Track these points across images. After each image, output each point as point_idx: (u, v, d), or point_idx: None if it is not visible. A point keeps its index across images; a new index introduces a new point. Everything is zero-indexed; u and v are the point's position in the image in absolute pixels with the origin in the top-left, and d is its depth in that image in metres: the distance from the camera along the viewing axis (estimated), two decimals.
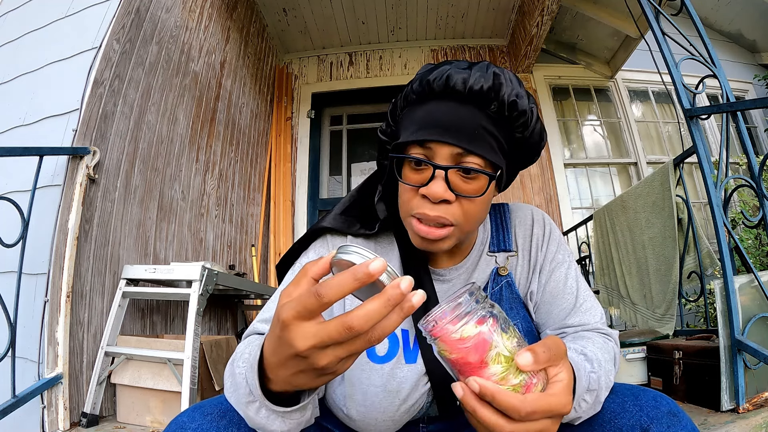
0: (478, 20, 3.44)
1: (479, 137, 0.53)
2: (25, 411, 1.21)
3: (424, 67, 0.58)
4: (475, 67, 0.54)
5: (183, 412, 0.51)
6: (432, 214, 0.54)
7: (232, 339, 1.76)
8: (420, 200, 0.55)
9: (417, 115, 0.56)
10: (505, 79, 0.54)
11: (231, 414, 0.51)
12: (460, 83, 0.53)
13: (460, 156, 0.53)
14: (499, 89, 0.53)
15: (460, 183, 0.54)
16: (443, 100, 0.54)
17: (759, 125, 3.68)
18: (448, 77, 0.53)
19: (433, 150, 0.54)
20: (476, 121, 0.53)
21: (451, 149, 0.53)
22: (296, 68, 3.67)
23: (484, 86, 0.52)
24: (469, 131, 0.53)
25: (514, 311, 0.64)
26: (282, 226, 3.09)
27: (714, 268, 1.57)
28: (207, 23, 2.44)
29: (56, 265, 1.38)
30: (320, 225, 0.66)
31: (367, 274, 0.33)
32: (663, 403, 0.50)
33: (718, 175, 1.27)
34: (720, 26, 3.82)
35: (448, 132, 0.52)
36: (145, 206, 1.85)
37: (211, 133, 2.45)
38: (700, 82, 1.42)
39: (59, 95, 1.62)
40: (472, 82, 0.52)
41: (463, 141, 0.52)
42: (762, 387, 1.15)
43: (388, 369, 0.59)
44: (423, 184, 0.54)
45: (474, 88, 0.52)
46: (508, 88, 0.54)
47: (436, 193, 0.53)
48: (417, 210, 0.55)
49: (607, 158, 3.44)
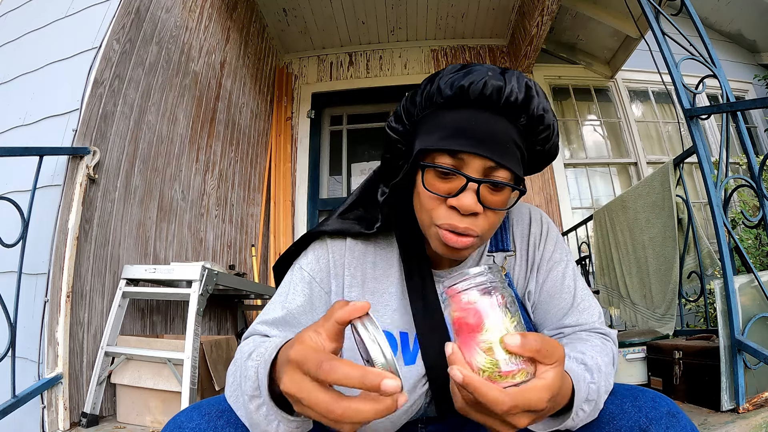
0: (478, 20, 3.44)
1: (509, 151, 0.52)
2: (25, 411, 1.21)
3: (451, 69, 0.55)
4: (508, 75, 0.52)
5: (181, 412, 0.51)
6: (461, 225, 0.53)
7: (232, 339, 1.76)
8: (447, 211, 0.54)
9: (446, 121, 0.54)
10: (535, 92, 0.53)
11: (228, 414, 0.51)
12: (495, 93, 0.51)
13: (491, 169, 0.52)
14: (530, 102, 0.52)
15: (488, 195, 0.54)
16: (477, 108, 0.52)
17: (759, 125, 3.68)
18: (484, 85, 0.51)
19: (464, 161, 0.52)
20: (508, 134, 0.52)
21: (483, 162, 0.52)
22: (296, 68, 3.67)
23: (519, 98, 0.51)
24: (502, 144, 0.52)
25: None
26: (282, 226, 3.09)
27: (714, 268, 1.57)
28: (207, 23, 2.44)
29: (56, 265, 1.38)
30: (319, 229, 0.66)
31: (375, 386, 0.33)
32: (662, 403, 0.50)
33: (718, 175, 1.27)
34: (720, 26, 3.82)
35: (482, 144, 0.51)
36: (145, 206, 1.85)
37: (211, 133, 2.45)
38: (700, 82, 1.42)
39: (59, 95, 1.62)
40: (508, 92, 0.51)
41: (496, 154, 0.51)
42: (762, 387, 1.15)
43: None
44: (451, 194, 0.53)
45: (510, 99, 0.51)
46: (538, 102, 0.53)
47: (468, 206, 0.52)
48: (444, 221, 0.54)
49: (607, 158, 3.44)
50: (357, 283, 0.63)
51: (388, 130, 0.61)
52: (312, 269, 0.63)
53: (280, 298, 0.61)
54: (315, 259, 0.64)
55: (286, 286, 0.63)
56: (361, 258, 0.64)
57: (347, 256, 0.64)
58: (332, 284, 0.63)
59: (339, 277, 0.63)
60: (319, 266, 0.63)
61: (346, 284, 0.63)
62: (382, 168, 0.66)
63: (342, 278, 0.63)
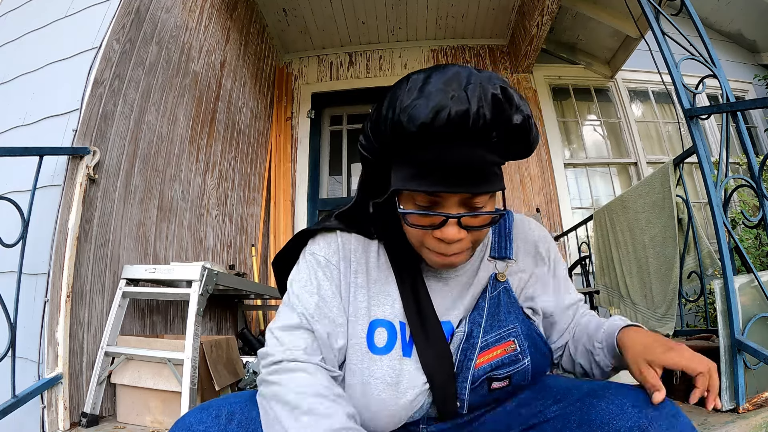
0: (478, 20, 3.44)
1: (485, 174, 0.52)
2: (25, 411, 1.21)
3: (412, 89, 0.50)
4: (471, 91, 0.48)
5: (189, 413, 0.51)
6: (449, 252, 0.56)
7: (232, 339, 1.76)
8: (434, 240, 0.56)
9: (414, 158, 0.52)
10: (505, 100, 0.49)
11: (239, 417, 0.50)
12: (461, 120, 0.48)
13: (468, 199, 0.54)
14: (500, 116, 0.49)
15: (470, 220, 0.56)
16: (443, 142, 0.50)
17: (759, 125, 3.68)
18: (448, 116, 0.47)
19: (441, 197, 0.53)
20: (481, 158, 0.51)
21: (459, 198, 0.53)
22: (296, 68, 3.67)
23: (487, 118, 0.48)
24: (475, 172, 0.51)
25: (512, 315, 0.65)
26: (282, 226, 3.09)
27: (714, 268, 1.57)
28: (207, 23, 2.44)
29: (56, 265, 1.38)
30: (323, 225, 0.67)
31: None
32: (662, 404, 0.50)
33: (718, 175, 1.26)
34: (720, 26, 3.82)
35: (454, 181, 0.51)
36: (145, 206, 1.85)
37: (211, 133, 2.45)
38: (700, 82, 1.41)
39: (59, 95, 1.62)
40: (474, 117, 0.48)
41: (470, 187, 0.52)
42: (762, 387, 1.15)
43: (387, 361, 0.60)
44: (434, 226, 0.55)
45: (478, 123, 0.48)
46: (508, 114, 0.50)
47: (452, 237, 0.54)
48: (432, 248, 0.57)
49: (607, 158, 3.44)
50: (362, 271, 0.65)
51: (361, 149, 0.59)
52: (326, 253, 0.64)
53: (306, 287, 0.62)
54: (326, 245, 0.65)
55: (305, 273, 0.63)
56: (366, 248, 0.66)
57: (353, 245, 0.66)
58: (341, 266, 0.64)
59: (347, 261, 0.65)
60: (331, 250, 0.65)
61: (352, 270, 0.65)
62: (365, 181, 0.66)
63: (349, 263, 0.65)
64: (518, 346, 0.64)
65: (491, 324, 0.64)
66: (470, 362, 0.61)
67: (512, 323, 0.65)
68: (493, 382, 0.62)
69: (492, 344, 0.63)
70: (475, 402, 0.62)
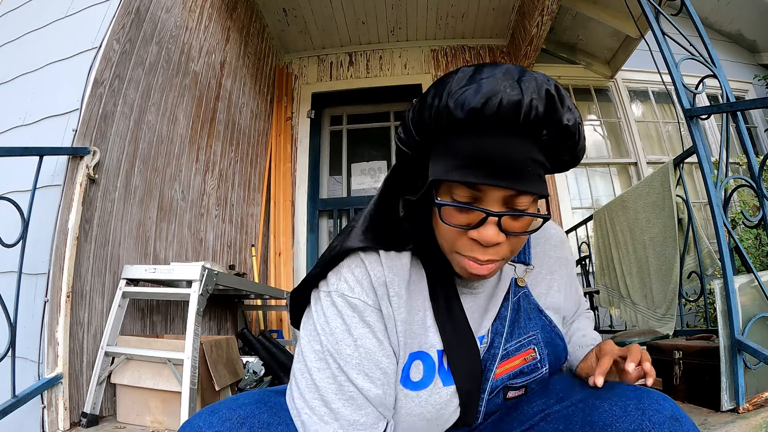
0: (478, 20, 3.44)
1: (530, 173, 0.48)
2: (25, 411, 1.21)
3: (461, 79, 0.47)
4: (525, 83, 0.46)
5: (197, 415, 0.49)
6: (484, 258, 0.51)
7: (232, 339, 1.76)
8: (468, 242, 0.51)
9: (459, 147, 0.48)
10: (558, 99, 0.47)
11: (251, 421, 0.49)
12: (513, 111, 0.45)
13: (511, 197, 0.49)
14: (553, 114, 0.47)
15: (510, 223, 0.51)
16: (492, 131, 0.47)
17: (759, 125, 3.68)
18: (500, 104, 0.44)
19: (482, 191, 0.48)
20: (528, 155, 0.47)
21: (503, 192, 0.48)
22: (296, 68, 3.67)
23: (540, 112, 0.46)
24: (521, 168, 0.47)
25: (533, 321, 0.64)
26: (282, 226, 3.09)
27: (714, 268, 1.57)
28: (207, 23, 2.44)
29: (56, 265, 1.38)
30: (348, 246, 0.56)
31: None
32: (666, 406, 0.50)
33: (718, 175, 1.26)
34: (720, 26, 3.82)
35: (500, 173, 0.47)
36: (145, 206, 1.85)
37: (211, 133, 2.45)
38: (700, 82, 1.41)
39: (59, 95, 1.62)
40: (526, 109, 0.45)
41: (517, 183, 0.47)
42: (762, 387, 1.15)
43: (425, 396, 0.56)
44: (471, 226, 0.50)
45: (529, 116, 0.45)
46: (561, 112, 0.48)
47: (490, 238, 0.49)
48: (466, 252, 0.52)
49: (607, 158, 3.44)
50: (402, 303, 0.56)
51: (398, 142, 0.55)
52: (359, 293, 0.54)
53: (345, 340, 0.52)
54: (356, 282, 0.54)
55: (337, 321, 0.53)
56: (399, 273, 0.57)
57: (388, 273, 0.56)
58: (381, 306, 0.55)
59: (385, 298, 0.55)
60: (364, 288, 0.54)
61: (393, 305, 0.55)
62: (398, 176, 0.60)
63: (387, 298, 0.55)
64: (538, 354, 0.63)
65: (512, 332, 0.62)
66: (490, 373, 0.59)
67: (533, 330, 0.63)
68: (509, 391, 0.62)
69: (512, 353, 0.61)
70: (490, 411, 0.62)
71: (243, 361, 1.83)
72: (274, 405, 0.53)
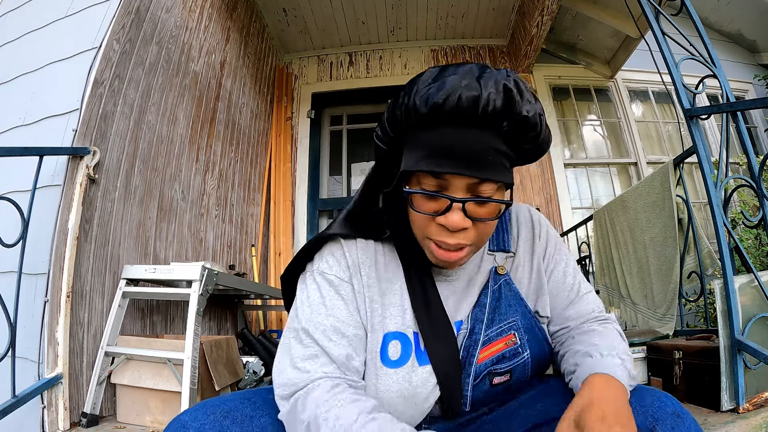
0: (478, 20, 3.44)
1: (493, 162, 0.52)
2: (25, 411, 1.21)
3: (427, 79, 0.52)
4: (485, 80, 0.49)
5: (184, 412, 0.51)
6: (452, 242, 0.55)
7: (232, 339, 1.76)
8: (437, 227, 0.55)
9: (425, 140, 0.53)
10: (517, 93, 0.50)
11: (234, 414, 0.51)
12: (472, 105, 0.49)
13: (475, 185, 0.52)
14: (511, 107, 0.50)
15: (476, 209, 0.54)
16: (454, 125, 0.51)
17: (759, 125, 3.68)
18: (459, 99, 0.49)
19: (448, 180, 0.52)
20: (490, 145, 0.51)
21: (466, 180, 0.52)
22: (296, 68, 3.67)
23: (497, 105, 0.49)
24: (483, 158, 0.51)
25: (513, 308, 0.65)
26: (282, 226, 3.09)
27: (714, 268, 1.57)
28: (207, 23, 2.44)
29: (56, 265, 1.38)
30: (328, 232, 0.65)
31: None
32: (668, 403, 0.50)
33: (718, 175, 1.27)
34: (720, 26, 3.82)
35: (462, 163, 0.51)
36: (145, 206, 1.85)
37: (211, 133, 2.45)
38: (700, 82, 1.42)
39: (59, 95, 1.62)
40: (484, 102, 0.49)
41: (479, 171, 0.51)
42: (762, 387, 1.15)
43: (402, 373, 0.59)
44: (438, 213, 0.54)
45: (487, 109, 0.49)
46: (520, 105, 0.51)
47: (456, 224, 0.53)
48: (435, 237, 0.56)
49: (607, 158, 3.44)
50: (373, 283, 0.63)
51: (376, 140, 0.60)
52: (336, 271, 0.62)
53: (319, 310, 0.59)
54: (334, 261, 0.63)
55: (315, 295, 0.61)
56: (373, 257, 0.64)
57: (361, 256, 0.64)
58: (354, 282, 0.62)
59: (357, 275, 0.63)
60: (339, 265, 0.63)
61: (364, 283, 0.63)
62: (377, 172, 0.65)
63: (360, 276, 0.63)
64: (518, 339, 0.64)
65: (492, 318, 0.64)
66: (473, 358, 0.61)
67: (513, 316, 0.65)
68: (494, 377, 0.62)
69: (493, 338, 0.63)
70: (477, 398, 0.63)
71: (243, 361, 1.83)
72: (257, 400, 0.57)
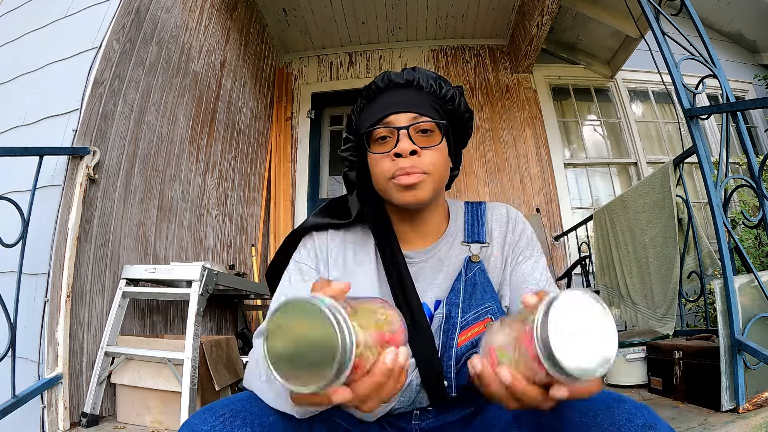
0: (478, 20, 3.44)
1: (424, 106, 0.67)
2: (25, 411, 1.21)
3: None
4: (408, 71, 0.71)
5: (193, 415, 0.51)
6: (407, 164, 0.64)
7: (232, 339, 1.76)
8: (393, 162, 0.65)
9: (374, 106, 0.70)
10: (437, 77, 0.71)
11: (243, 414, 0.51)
12: (398, 78, 0.70)
13: (414, 119, 0.66)
14: (422, 76, 0.70)
15: (421, 139, 0.66)
16: (389, 90, 0.70)
17: (759, 125, 3.68)
18: (388, 76, 0.70)
19: (392, 122, 0.66)
20: (418, 97, 0.68)
21: (406, 115, 0.66)
22: (296, 68, 3.67)
23: (415, 75, 0.70)
24: (416, 102, 0.67)
25: (487, 294, 0.68)
26: (282, 226, 3.09)
27: (714, 268, 1.57)
28: (207, 23, 2.44)
29: (56, 265, 1.38)
30: (302, 227, 0.75)
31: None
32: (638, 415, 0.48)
33: (718, 175, 1.27)
34: (720, 26, 3.82)
35: (400, 105, 0.67)
36: (145, 206, 1.85)
37: (211, 133, 2.45)
38: (700, 82, 1.42)
39: (59, 95, 1.62)
40: (407, 75, 0.70)
41: (414, 108, 0.66)
42: (762, 387, 1.15)
43: None
44: (391, 149, 0.65)
45: (408, 78, 0.70)
46: (426, 76, 0.70)
47: (406, 147, 0.64)
48: (394, 169, 0.65)
49: (607, 158, 3.44)
50: (339, 266, 0.71)
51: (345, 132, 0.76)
52: (302, 258, 0.72)
53: (282, 290, 0.69)
54: (305, 251, 0.73)
55: (285, 279, 0.71)
56: (342, 245, 0.73)
57: (330, 244, 0.73)
58: (320, 267, 0.71)
59: (324, 261, 0.72)
60: (309, 255, 0.72)
61: (330, 266, 0.71)
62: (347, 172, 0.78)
63: (326, 262, 0.72)
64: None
65: (469, 304, 0.67)
66: (452, 341, 0.64)
67: (488, 301, 0.67)
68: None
69: (471, 323, 0.65)
70: (463, 383, 0.63)
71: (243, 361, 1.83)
72: None
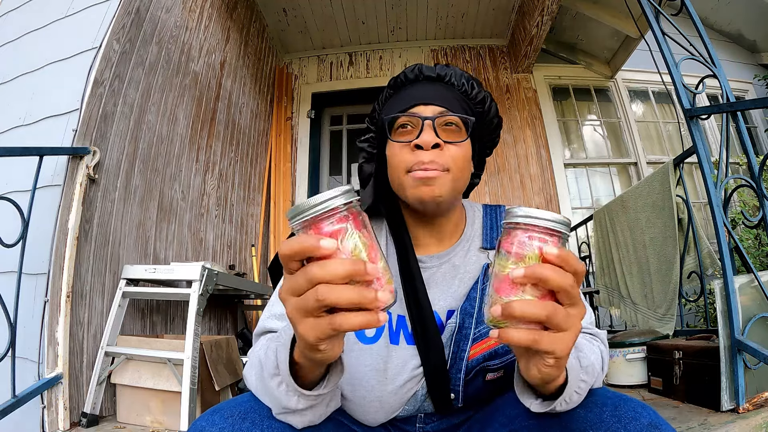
0: (478, 20, 3.44)
1: (452, 102, 0.65)
2: (25, 411, 1.21)
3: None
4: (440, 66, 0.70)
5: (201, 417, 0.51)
6: (427, 159, 0.60)
7: (232, 339, 1.76)
8: (413, 153, 0.61)
9: (401, 96, 0.68)
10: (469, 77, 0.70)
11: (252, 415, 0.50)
12: (429, 71, 0.69)
13: (441, 114, 0.63)
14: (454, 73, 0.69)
15: (446, 133, 0.63)
16: (419, 82, 0.69)
17: (759, 125, 3.68)
18: (419, 68, 0.69)
19: (418, 112, 0.63)
20: (448, 93, 0.66)
21: (433, 108, 0.63)
22: (296, 68, 3.67)
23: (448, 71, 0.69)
24: (444, 98, 0.65)
25: None
26: (282, 226, 3.09)
27: (714, 268, 1.57)
28: (207, 23, 2.44)
29: (56, 265, 1.38)
30: None
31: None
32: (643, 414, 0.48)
33: (718, 175, 1.27)
34: (720, 26, 3.82)
35: (428, 98, 0.65)
36: (145, 206, 1.85)
37: (211, 133, 2.45)
38: (700, 82, 1.42)
39: (59, 95, 1.62)
40: (439, 70, 0.68)
41: (442, 103, 0.64)
42: (762, 387, 1.15)
43: (376, 349, 0.62)
44: (414, 138, 0.62)
45: (440, 73, 0.68)
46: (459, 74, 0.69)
47: (428, 140, 0.60)
48: (412, 162, 0.61)
49: (607, 158, 3.44)
50: None
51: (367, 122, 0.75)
52: None
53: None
54: None
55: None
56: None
57: None
58: None
59: None
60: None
61: None
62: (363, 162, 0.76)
63: None
64: None
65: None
66: (463, 353, 0.61)
67: None
68: (487, 373, 0.62)
69: (485, 335, 0.63)
70: (471, 394, 0.62)
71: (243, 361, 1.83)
72: None
